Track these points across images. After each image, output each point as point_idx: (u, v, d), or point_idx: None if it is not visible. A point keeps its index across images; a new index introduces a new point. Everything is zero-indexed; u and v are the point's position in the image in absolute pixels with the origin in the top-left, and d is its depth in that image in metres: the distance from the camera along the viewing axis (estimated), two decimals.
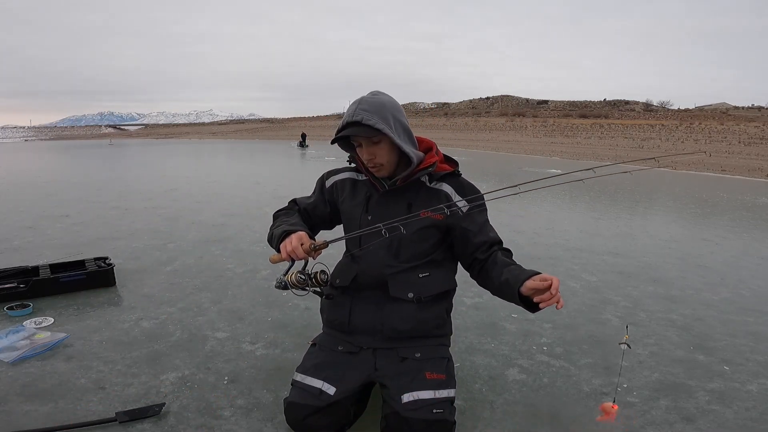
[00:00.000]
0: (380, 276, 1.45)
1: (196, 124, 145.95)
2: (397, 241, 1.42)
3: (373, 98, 1.36)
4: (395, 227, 1.28)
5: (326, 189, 1.59)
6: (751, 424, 1.54)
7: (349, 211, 1.53)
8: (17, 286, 2.44)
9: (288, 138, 33.77)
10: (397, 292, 1.43)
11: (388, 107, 1.36)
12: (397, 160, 1.41)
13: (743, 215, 5.40)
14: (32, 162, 13.11)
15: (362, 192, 1.52)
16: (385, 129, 1.31)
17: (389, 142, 1.36)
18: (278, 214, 1.61)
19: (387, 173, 1.42)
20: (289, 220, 1.50)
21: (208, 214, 4.83)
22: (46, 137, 59.86)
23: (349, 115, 1.33)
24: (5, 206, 5.23)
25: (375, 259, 1.45)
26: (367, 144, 1.36)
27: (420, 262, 1.46)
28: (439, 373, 1.37)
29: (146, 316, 2.29)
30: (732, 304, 2.61)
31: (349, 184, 1.56)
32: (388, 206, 1.45)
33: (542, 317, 2.35)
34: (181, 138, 44.02)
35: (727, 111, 57.64)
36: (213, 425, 1.46)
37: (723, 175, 11.55)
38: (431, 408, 1.28)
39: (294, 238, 1.32)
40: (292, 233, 1.35)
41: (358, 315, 1.47)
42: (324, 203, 1.59)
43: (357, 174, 1.56)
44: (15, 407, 1.53)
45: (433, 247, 1.48)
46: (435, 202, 1.42)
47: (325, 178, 1.61)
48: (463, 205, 1.43)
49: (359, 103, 1.34)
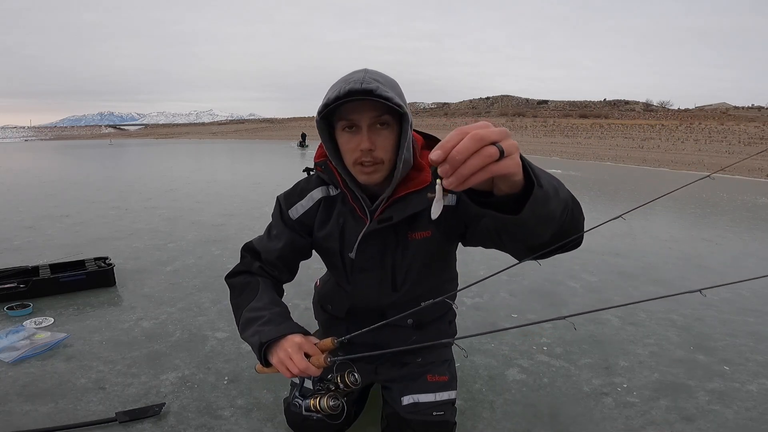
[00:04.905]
0: (376, 306, 1.22)
1: (196, 124, 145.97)
2: (390, 270, 1.16)
3: (381, 72, 1.02)
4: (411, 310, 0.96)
5: (295, 221, 1.19)
6: (751, 424, 1.54)
7: (323, 242, 1.19)
8: (17, 286, 2.44)
9: (288, 138, 33.75)
10: (395, 320, 1.21)
11: (399, 88, 1.03)
12: (394, 162, 1.05)
13: (743, 215, 5.40)
14: (32, 162, 13.10)
15: (338, 216, 1.16)
16: (405, 108, 0.98)
17: (397, 132, 1.03)
18: (235, 285, 1.18)
19: (380, 178, 1.04)
20: (260, 312, 1.07)
21: (208, 214, 4.83)
22: (46, 137, 59.86)
23: (355, 81, 0.95)
24: (5, 206, 5.23)
25: (368, 292, 1.21)
26: (371, 126, 0.99)
27: (424, 290, 1.21)
28: (441, 375, 1.32)
29: (146, 316, 2.29)
30: (732, 304, 2.61)
31: (319, 207, 1.18)
32: (375, 239, 1.13)
33: (542, 317, 2.35)
34: (181, 138, 44.03)
35: (727, 111, 57.67)
36: (213, 425, 1.46)
37: (723, 175, 11.55)
38: (431, 410, 1.26)
39: (294, 353, 0.96)
40: (283, 340, 0.99)
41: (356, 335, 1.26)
42: (299, 236, 1.20)
43: (327, 188, 1.18)
44: (15, 407, 1.53)
45: (437, 269, 1.22)
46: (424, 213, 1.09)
47: (285, 209, 1.20)
48: (452, 201, 1.09)
49: (366, 72, 0.99)
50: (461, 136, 0.53)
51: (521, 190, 0.63)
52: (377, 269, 1.16)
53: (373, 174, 1.03)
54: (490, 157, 0.54)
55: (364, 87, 0.93)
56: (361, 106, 0.97)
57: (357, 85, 0.94)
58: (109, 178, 8.54)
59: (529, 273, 2.90)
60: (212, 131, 69.48)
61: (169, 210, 5.06)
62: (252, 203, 5.57)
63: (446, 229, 1.12)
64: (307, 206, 1.18)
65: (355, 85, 0.94)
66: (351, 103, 0.96)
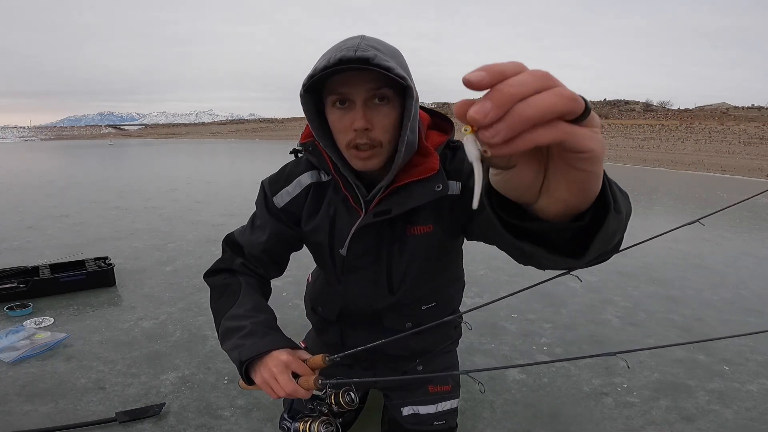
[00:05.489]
0: (371, 310, 1.08)
1: (196, 124, 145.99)
2: (386, 269, 1.01)
3: (380, 40, 0.85)
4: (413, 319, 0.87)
5: (280, 210, 1.04)
6: (751, 424, 1.54)
7: (311, 235, 1.04)
8: (17, 286, 2.44)
9: (288, 138, 33.75)
10: (392, 323, 1.09)
11: (402, 57, 0.86)
12: (395, 145, 0.87)
13: (743, 215, 5.39)
14: (32, 162, 13.10)
15: (328, 206, 1.00)
16: (409, 81, 0.80)
17: (399, 109, 0.85)
18: (214, 285, 1.04)
19: (378, 164, 0.87)
20: (241, 321, 0.92)
21: (208, 214, 4.82)
22: (46, 137, 59.88)
23: (348, 48, 0.77)
24: (5, 206, 5.23)
25: (361, 294, 1.06)
26: (367, 102, 0.81)
27: (425, 292, 1.08)
28: (444, 385, 1.23)
29: (146, 316, 2.29)
30: (732, 304, 2.61)
31: (308, 194, 1.02)
32: (369, 233, 0.98)
33: (542, 317, 2.35)
34: (181, 138, 44.03)
35: (727, 111, 57.72)
36: (213, 425, 1.46)
37: (723, 175, 11.54)
38: (432, 421, 1.21)
39: (279, 374, 0.83)
40: (267, 357, 0.85)
41: (351, 338, 1.16)
42: (287, 226, 1.04)
43: (318, 173, 1.01)
44: (15, 407, 1.53)
45: (439, 268, 1.08)
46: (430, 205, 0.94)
47: (270, 195, 1.05)
48: (456, 189, 0.93)
49: (363, 38, 0.81)
50: (518, 68, 0.31)
51: (586, 209, 0.40)
52: (371, 268, 1.02)
53: (370, 159, 0.85)
54: (567, 105, 0.31)
55: (358, 55, 0.75)
56: (355, 77, 0.79)
57: (350, 53, 0.76)
58: (109, 178, 8.53)
59: (529, 273, 2.89)
60: (212, 131, 69.51)
61: (169, 210, 5.06)
62: (252, 203, 5.53)
63: (450, 222, 0.96)
64: (294, 193, 1.02)
65: (348, 52, 0.76)
66: (343, 74, 0.78)
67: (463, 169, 0.92)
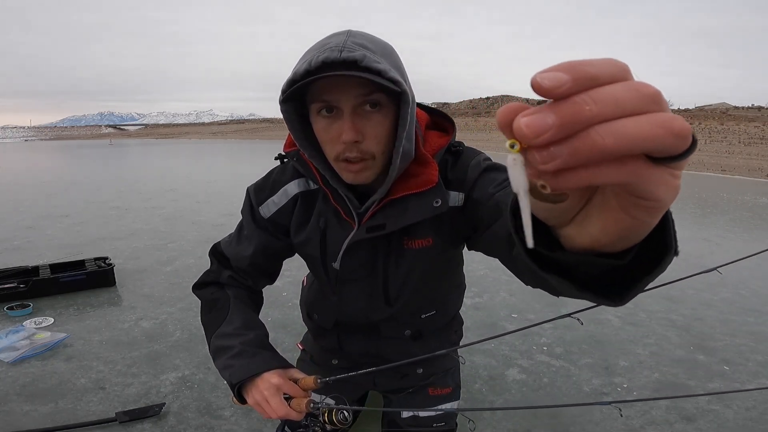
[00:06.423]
0: (368, 321, 1.03)
1: (196, 124, 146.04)
2: (382, 281, 0.95)
3: (370, 35, 0.76)
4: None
5: (267, 221, 0.97)
6: (751, 424, 1.54)
7: (301, 248, 0.97)
8: (17, 286, 2.44)
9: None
10: (390, 332, 1.05)
11: (396, 55, 0.76)
12: (390, 154, 0.78)
13: (743, 215, 5.39)
14: (32, 162, 13.10)
15: (318, 216, 0.93)
16: (404, 85, 0.70)
17: (393, 115, 0.75)
18: (203, 299, 1.01)
19: (370, 176, 0.78)
20: (230, 340, 0.89)
21: (208, 214, 4.83)
22: (46, 137, 59.89)
23: (332, 48, 0.67)
24: (5, 206, 5.23)
25: (356, 305, 1.01)
26: (357, 109, 0.72)
27: (424, 302, 1.04)
28: (444, 387, 1.21)
29: (146, 316, 2.29)
30: (732, 304, 2.61)
31: (296, 204, 0.95)
32: (364, 247, 0.91)
33: (542, 317, 2.35)
34: (181, 138, 44.05)
35: (727, 111, 57.76)
36: (213, 425, 1.46)
37: (723, 175, 11.55)
38: (432, 423, 1.18)
39: (270, 396, 0.81)
40: (258, 379, 0.83)
41: (348, 344, 1.12)
42: (275, 238, 0.98)
43: (306, 181, 0.93)
44: (15, 407, 1.53)
45: (439, 278, 1.03)
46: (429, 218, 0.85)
47: (255, 205, 0.97)
48: (457, 201, 0.84)
49: (349, 35, 0.72)
50: (615, 74, 0.23)
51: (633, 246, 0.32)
52: (366, 281, 0.96)
53: (361, 172, 0.76)
54: (666, 143, 0.22)
55: (344, 57, 0.65)
56: (342, 82, 0.69)
57: (335, 54, 0.66)
58: (109, 178, 8.54)
59: None
60: (212, 131, 69.53)
61: (169, 210, 5.06)
62: None
63: (451, 234, 0.88)
64: (280, 203, 0.94)
65: (332, 53, 0.66)
66: (328, 78, 0.67)
67: (467, 178, 0.83)
